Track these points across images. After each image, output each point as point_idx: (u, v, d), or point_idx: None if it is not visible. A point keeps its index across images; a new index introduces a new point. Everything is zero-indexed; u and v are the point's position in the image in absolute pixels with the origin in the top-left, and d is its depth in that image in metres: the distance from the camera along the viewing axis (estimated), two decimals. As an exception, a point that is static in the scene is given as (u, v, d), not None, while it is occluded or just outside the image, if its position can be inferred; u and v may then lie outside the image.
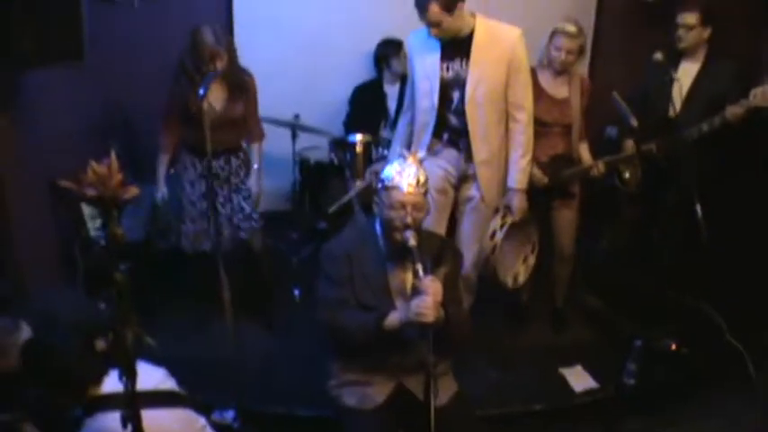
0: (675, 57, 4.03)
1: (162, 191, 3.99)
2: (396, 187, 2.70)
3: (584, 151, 4.05)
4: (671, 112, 3.79)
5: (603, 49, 5.55)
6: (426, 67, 3.54)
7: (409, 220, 2.69)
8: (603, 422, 3.67)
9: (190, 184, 4.01)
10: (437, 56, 3.49)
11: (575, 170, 3.98)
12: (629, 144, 4.04)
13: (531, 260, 3.80)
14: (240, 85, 3.88)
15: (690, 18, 3.92)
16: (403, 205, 2.69)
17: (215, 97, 3.82)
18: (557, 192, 4.02)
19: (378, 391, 2.80)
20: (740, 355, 3.83)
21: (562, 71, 3.89)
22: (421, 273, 2.61)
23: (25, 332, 2.36)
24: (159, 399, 2.49)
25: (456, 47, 3.46)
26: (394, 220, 2.70)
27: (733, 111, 3.65)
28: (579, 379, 3.90)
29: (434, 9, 3.29)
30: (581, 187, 4.11)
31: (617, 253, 4.60)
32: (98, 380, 2.42)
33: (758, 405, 3.63)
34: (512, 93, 3.50)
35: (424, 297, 2.55)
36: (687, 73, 4.00)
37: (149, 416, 2.18)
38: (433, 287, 2.57)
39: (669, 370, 3.94)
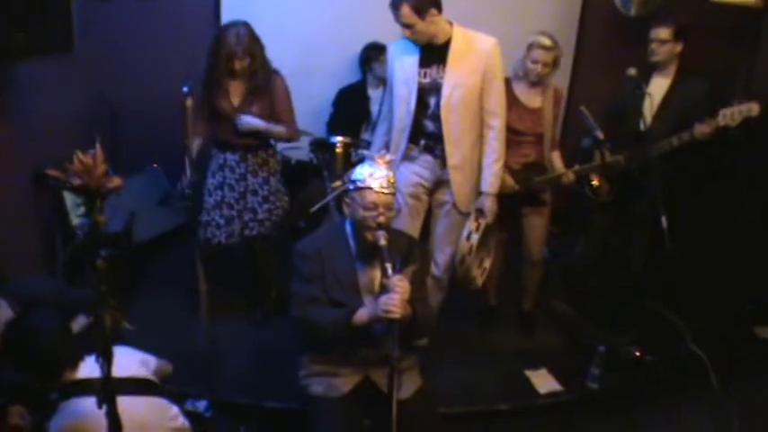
0: (648, 70, 4.12)
1: (188, 176, 3.98)
2: (368, 188, 2.80)
3: (557, 159, 4.13)
4: (641, 126, 3.88)
5: (585, 60, 5.66)
6: (405, 72, 3.62)
7: (381, 219, 2.79)
8: (566, 424, 3.76)
9: (211, 173, 4.12)
10: (416, 62, 3.58)
11: (546, 178, 4.05)
12: (598, 155, 4.11)
13: (487, 263, 3.86)
14: (261, 85, 3.93)
15: (663, 32, 4.01)
16: (375, 205, 2.79)
17: (235, 94, 3.94)
18: (528, 199, 4.10)
19: (344, 382, 2.90)
20: (703, 363, 3.93)
21: (537, 82, 3.98)
22: (390, 271, 2.69)
23: (4, 311, 2.42)
24: (134, 386, 2.55)
25: (433, 54, 3.56)
26: (366, 219, 2.80)
27: (701, 129, 3.76)
28: (544, 381, 3.95)
29: (406, 10, 3.40)
30: (552, 195, 4.19)
31: (587, 260, 4.68)
32: (74, 364, 2.49)
33: (718, 410, 3.73)
34: (486, 100, 3.59)
35: (392, 294, 2.64)
36: (659, 87, 4.08)
37: (124, 402, 2.25)
38: (400, 285, 2.67)
39: (633, 376, 4.02)
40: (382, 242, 2.75)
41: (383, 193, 2.80)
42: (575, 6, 5.66)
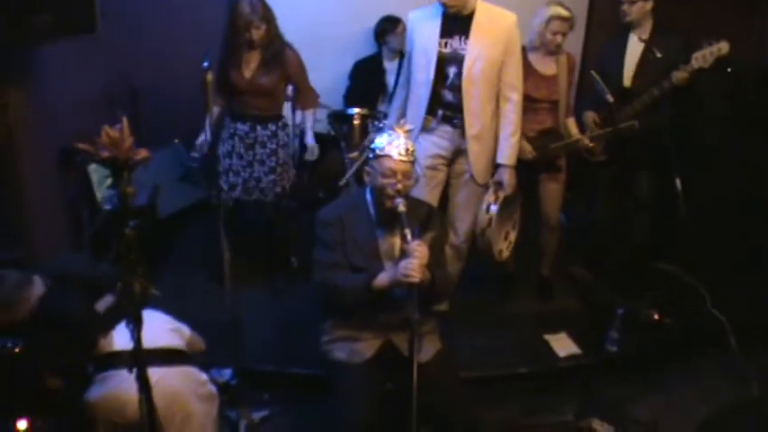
0: (624, 32, 4.23)
1: (202, 138, 4.13)
2: (387, 156, 2.85)
3: (572, 126, 4.16)
4: (626, 83, 4.07)
5: (597, 25, 5.66)
6: (425, 41, 3.64)
7: (400, 186, 2.84)
8: (586, 387, 3.79)
9: (222, 141, 4.19)
10: (436, 31, 3.60)
11: (561, 144, 4.08)
12: (590, 115, 4.21)
13: (513, 236, 3.92)
14: (276, 56, 4.00)
15: None
16: (394, 173, 2.84)
17: (247, 66, 4.00)
18: (544, 165, 4.13)
19: (366, 347, 2.97)
20: (722, 325, 3.97)
21: (555, 50, 4.02)
22: (409, 237, 2.74)
23: (38, 287, 2.50)
24: (165, 356, 2.64)
25: (456, 24, 3.58)
26: (385, 186, 2.85)
27: (678, 75, 3.89)
28: (563, 345, 4.00)
29: None
30: (567, 161, 4.22)
31: (601, 223, 4.69)
32: (105, 332, 2.58)
33: (737, 373, 3.77)
34: (506, 73, 3.64)
35: (411, 259, 2.69)
36: (635, 45, 4.18)
37: (156, 372, 2.35)
38: (419, 251, 2.72)
39: (652, 339, 4.06)
40: (401, 208, 2.79)
41: (402, 160, 2.85)
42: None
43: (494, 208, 3.66)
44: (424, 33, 3.65)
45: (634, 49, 4.18)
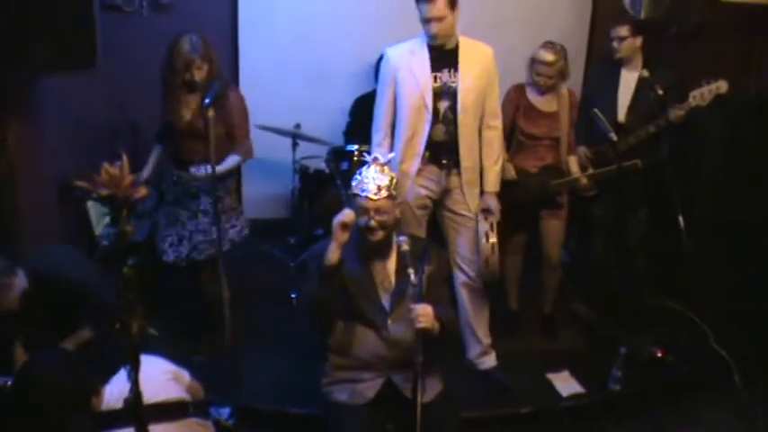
0: (616, 68, 4.27)
1: (143, 173, 3.88)
2: (357, 195, 2.89)
3: (573, 163, 4.15)
4: (620, 118, 4.13)
5: (597, 58, 5.59)
6: (417, 77, 3.60)
7: (373, 223, 2.86)
8: (589, 427, 3.77)
9: (166, 189, 4.00)
10: (427, 65, 3.59)
11: (562, 181, 4.09)
12: (582, 150, 4.24)
13: (493, 238, 3.75)
14: (217, 98, 3.57)
15: (621, 30, 4.18)
16: (366, 210, 2.86)
17: (187, 107, 3.76)
18: (545, 202, 4.13)
19: (367, 388, 2.93)
20: (726, 362, 3.93)
21: (547, 90, 4.04)
22: (413, 277, 2.73)
23: (21, 278, 2.47)
24: (166, 411, 2.56)
25: (444, 57, 3.59)
26: (361, 223, 2.87)
27: (675, 113, 3.93)
28: (566, 384, 3.96)
29: (441, 2, 3.42)
30: (569, 198, 4.22)
31: (600, 260, 4.67)
32: (96, 391, 2.52)
33: (742, 410, 3.72)
34: (488, 103, 3.67)
35: (423, 304, 2.72)
36: (628, 80, 4.23)
37: (157, 429, 2.29)
38: (423, 314, 2.71)
39: (655, 377, 4.01)
40: (405, 247, 2.80)
41: (371, 199, 2.85)
42: (586, 10, 5.71)
43: (492, 236, 3.67)
44: (413, 69, 3.60)
45: (627, 83, 4.22)
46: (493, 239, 3.65)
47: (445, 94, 3.60)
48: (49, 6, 3.26)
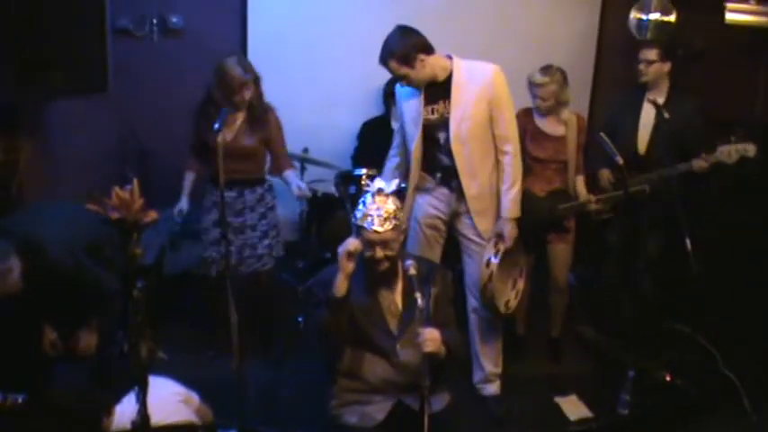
0: (640, 94, 4.26)
1: (181, 205, 4.07)
2: (363, 227, 2.84)
3: (581, 186, 4.15)
4: (640, 149, 4.14)
5: (603, 86, 5.72)
6: (412, 111, 3.66)
7: (379, 255, 2.83)
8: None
9: (206, 210, 4.13)
10: (420, 100, 3.62)
11: (569, 205, 4.08)
12: (605, 173, 4.26)
13: (520, 284, 3.86)
14: (259, 117, 3.95)
15: (649, 53, 4.15)
16: (372, 243, 2.82)
17: (229, 128, 3.89)
18: (552, 225, 4.12)
19: (377, 410, 2.91)
20: (735, 386, 3.91)
21: (546, 113, 4.06)
22: (420, 301, 2.70)
23: (14, 262, 2.51)
24: None
25: (437, 90, 3.59)
26: (366, 253, 2.84)
27: (699, 164, 3.93)
28: (574, 408, 3.95)
29: (393, 65, 3.50)
30: (576, 222, 4.22)
31: (610, 284, 4.67)
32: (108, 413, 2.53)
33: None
34: (497, 127, 3.60)
35: (431, 329, 2.73)
36: (651, 108, 4.18)
37: None
38: (430, 339, 2.72)
39: (664, 401, 3.98)
40: (412, 272, 2.79)
41: (376, 231, 2.81)
42: (591, 34, 5.75)
43: (494, 260, 3.63)
44: (410, 104, 3.67)
45: (648, 112, 4.21)
46: (492, 267, 3.61)
47: (442, 124, 3.60)
48: (63, 31, 3.31)
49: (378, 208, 2.83)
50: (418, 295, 2.71)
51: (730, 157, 3.86)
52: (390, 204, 2.86)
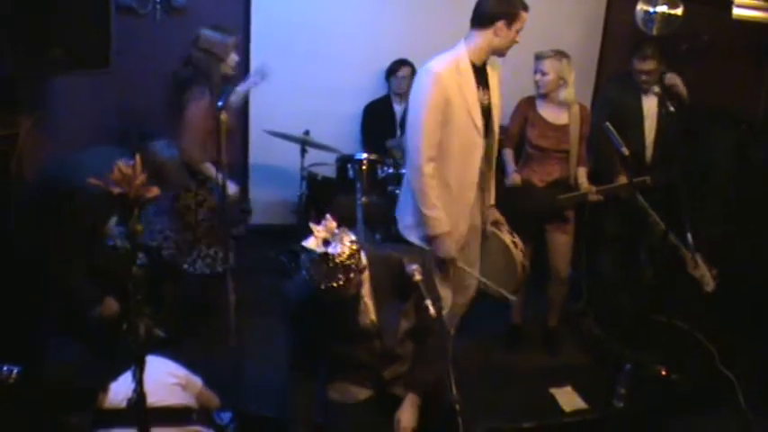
0: (636, 93, 4.36)
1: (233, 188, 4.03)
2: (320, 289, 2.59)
3: (582, 177, 4.12)
4: (648, 139, 4.29)
5: (608, 73, 5.71)
6: (467, 96, 3.35)
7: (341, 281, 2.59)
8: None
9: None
10: (473, 83, 3.38)
11: (570, 196, 4.06)
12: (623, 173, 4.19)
13: (520, 243, 3.74)
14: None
15: (649, 64, 4.25)
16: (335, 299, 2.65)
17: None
18: (551, 216, 4.11)
19: (361, 393, 2.93)
20: (730, 382, 3.94)
21: (548, 91, 4.02)
22: (431, 309, 2.55)
23: None
24: (169, 417, 2.56)
25: (479, 75, 3.42)
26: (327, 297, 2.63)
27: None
28: (569, 399, 3.94)
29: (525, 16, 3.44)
30: (576, 212, 4.20)
31: (609, 276, 4.67)
32: (105, 387, 2.52)
33: (746, 431, 3.71)
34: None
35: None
36: (652, 107, 4.32)
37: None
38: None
39: (659, 395, 4.00)
40: (417, 277, 2.61)
41: (332, 287, 2.54)
42: (597, 27, 5.77)
43: (520, 243, 3.68)
44: (463, 89, 3.33)
45: (649, 111, 4.32)
46: (521, 247, 3.66)
47: (486, 111, 3.46)
48: (67, 5, 3.28)
49: (323, 267, 2.53)
50: (428, 302, 2.55)
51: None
52: (340, 254, 2.56)
